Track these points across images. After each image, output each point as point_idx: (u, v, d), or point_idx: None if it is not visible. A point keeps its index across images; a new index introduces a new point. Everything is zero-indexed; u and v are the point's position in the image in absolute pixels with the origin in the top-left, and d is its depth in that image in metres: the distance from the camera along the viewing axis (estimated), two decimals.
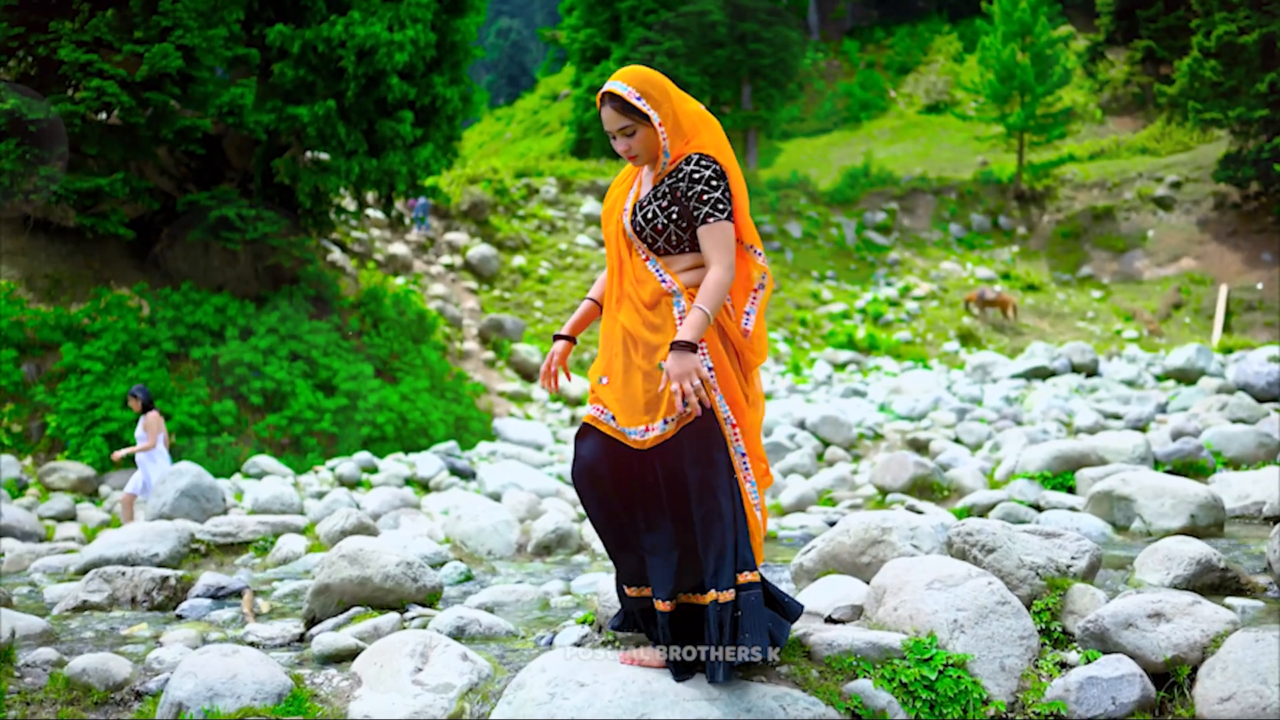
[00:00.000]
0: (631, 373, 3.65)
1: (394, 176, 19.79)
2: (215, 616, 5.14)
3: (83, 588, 5.38)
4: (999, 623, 3.72)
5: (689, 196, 3.66)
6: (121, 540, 6.66)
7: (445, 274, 27.91)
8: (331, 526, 6.87)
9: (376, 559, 4.84)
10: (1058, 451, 7.28)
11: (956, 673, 3.58)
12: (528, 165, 35.69)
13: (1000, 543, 4.17)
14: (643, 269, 3.75)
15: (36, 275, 18.36)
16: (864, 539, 4.62)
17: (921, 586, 3.83)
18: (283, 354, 18.46)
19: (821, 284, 34.39)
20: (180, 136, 17.48)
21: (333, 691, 3.72)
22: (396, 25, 18.78)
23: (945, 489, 7.81)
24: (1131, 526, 5.97)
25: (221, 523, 7.27)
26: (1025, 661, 3.71)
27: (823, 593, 4.29)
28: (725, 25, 40.43)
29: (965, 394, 16.96)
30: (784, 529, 7.07)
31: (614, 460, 3.64)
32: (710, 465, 3.58)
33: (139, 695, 3.80)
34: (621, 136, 3.75)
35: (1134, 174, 38.29)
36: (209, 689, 3.50)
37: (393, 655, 3.77)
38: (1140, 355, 24.62)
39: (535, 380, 24.55)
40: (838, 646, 3.64)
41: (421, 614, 4.73)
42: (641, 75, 3.74)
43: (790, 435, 11.45)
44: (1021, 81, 37.29)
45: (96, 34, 16.46)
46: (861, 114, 51.79)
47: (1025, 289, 34.44)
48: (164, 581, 5.42)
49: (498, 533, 6.89)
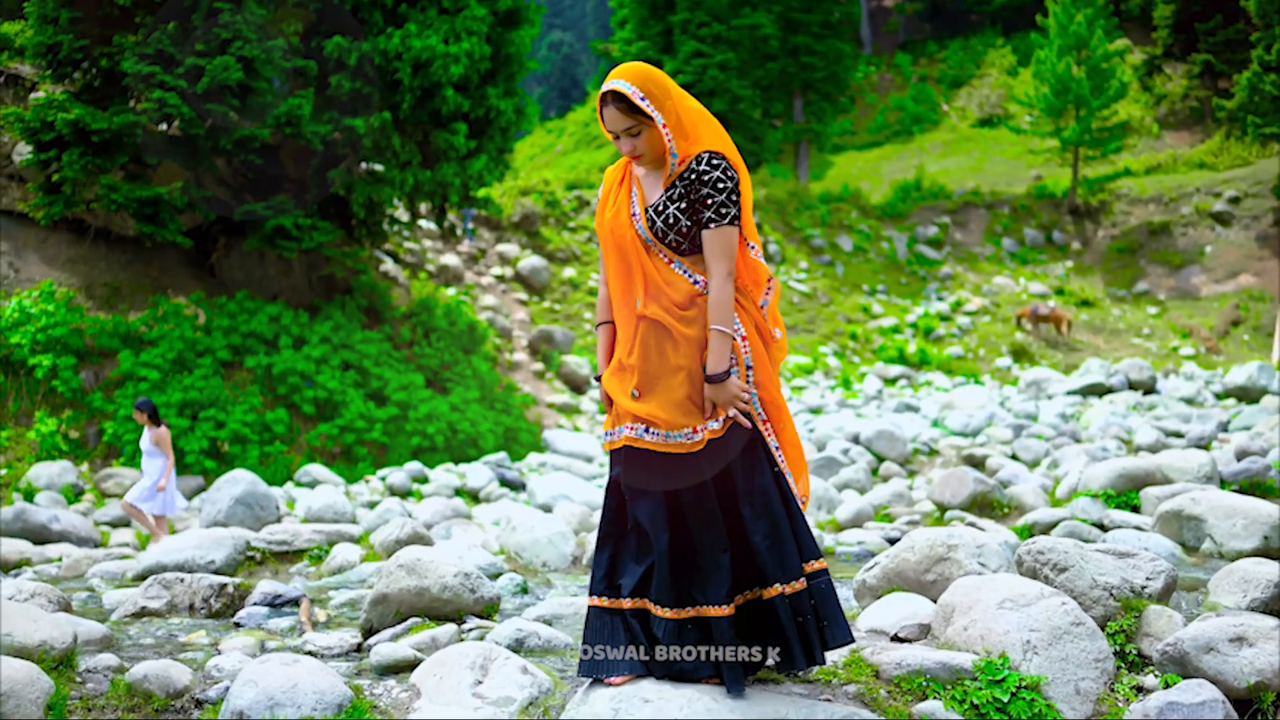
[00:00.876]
0: (671, 376, 3.62)
1: (447, 188, 19.89)
2: (273, 625, 5.15)
3: (142, 594, 5.41)
4: (1073, 644, 3.62)
5: (700, 195, 3.64)
6: (178, 547, 6.70)
7: (496, 285, 28.01)
8: (386, 536, 6.87)
9: (434, 569, 4.82)
10: (1121, 469, 7.13)
11: (1030, 695, 3.48)
12: (579, 177, 35.78)
13: (1073, 562, 4.08)
14: (669, 272, 3.71)
15: (96, 283, 18.62)
16: (929, 556, 4.54)
17: (993, 606, 3.75)
18: (335, 363, 18.59)
19: (872, 298, 34.17)
20: (239, 147, 17.67)
21: (392, 703, 3.69)
22: (452, 38, 18.89)
23: (1005, 506, 7.68)
24: (1202, 547, 5.81)
25: (277, 531, 7.29)
26: (1101, 685, 3.62)
27: (888, 610, 4.23)
28: (777, 39, 40.42)
29: (1020, 410, 16.74)
30: (841, 545, 6.98)
31: (658, 472, 3.60)
32: (757, 460, 3.60)
33: (199, 703, 3.79)
34: (626, 137, 3.71)
35: (1191, 189, 37.72)
36: (270, 698, 3.48)
37: (452, 667, 3.73)
38: (1198, 373, 24.22)
39: (584, 392, 24.56)
40: (907, 666, 3.57)
41: (479, 626, 4.70)
42: (643, 73, 3.69)
43: (844, 450, 11.34)
44: (1077, 95, 36.89)
45: (159, 46, 16.67)
46: (914, 127, 51.48)
47: (1079, 305, 34.03)
48: (221, 589, 5.44)
49: (553, 545, 6.86)
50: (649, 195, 3.78)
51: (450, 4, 19.50)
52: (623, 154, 3.76)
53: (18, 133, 17.24)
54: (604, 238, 3.86)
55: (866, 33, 58.82)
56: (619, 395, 3.71)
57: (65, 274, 18.47)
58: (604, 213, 3.88)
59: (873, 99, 54.98)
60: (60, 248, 18.82)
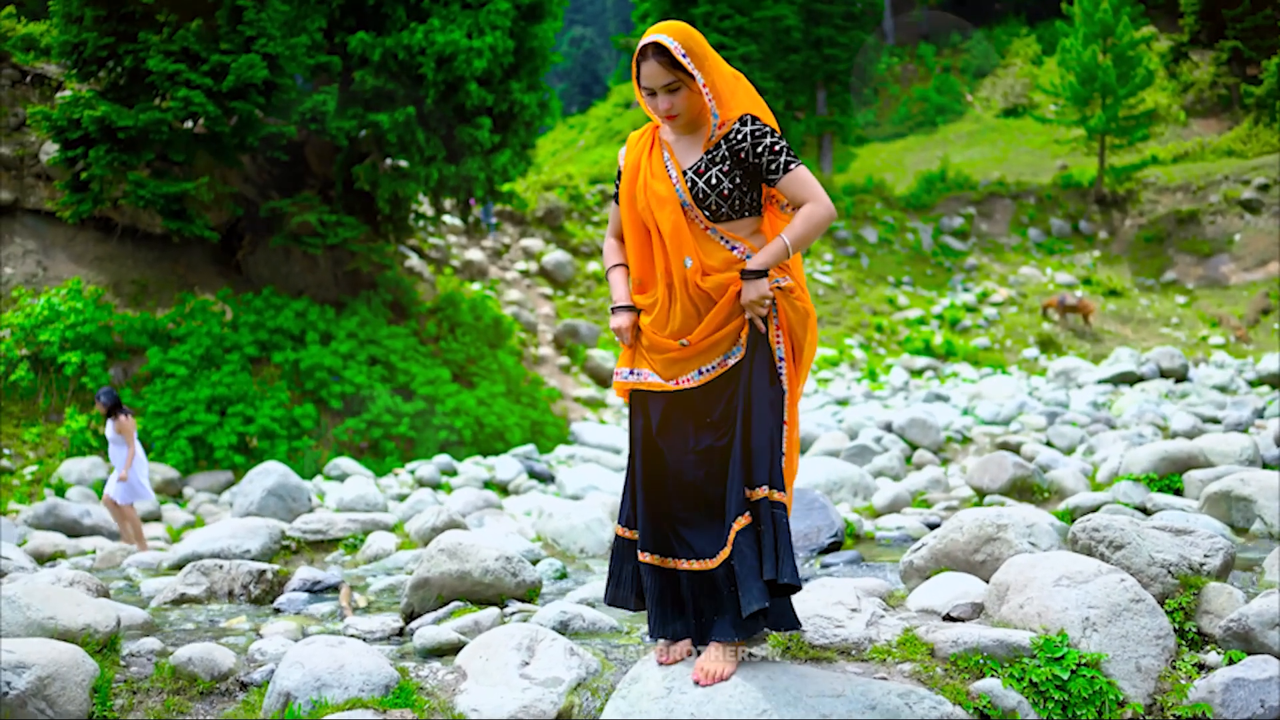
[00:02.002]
0: (713, 318, 3.61)
1: (472, 183, 19.88)
2: (313, 610, 5.13)
3: (180, 580, 5.39)
4: (1133, 621, 3.55)
5: (757, 154, 3.56)
6: (214, 536, 6.69)
7: (520, 280, 28.01)
8: (422, 524, 6.85)
9: (476, 553, 4.78)
10: (1164, 453, 7.03)
11: (1090, 673, 3.43)
12: (602, 171, 35.73)
13: (1129, 539, 4.00)
14: (706, 239, 3.63)
15: (124, 280, 18.71)
16: (978, 536, 4.47)
17: (1049, 583, 3.67)
18: (362, 358, 18.61)
19: (898, 289, 34.00)
20: (265, 143, 17.71)
21: (438, 685, 3.66)
22: (475, 32, 18.86)
23: (1045, 491, 7.60)
24: (1252, 528, 5.73)
25: (311, 520, 7.29)
26: (1162, 662, 3.55)
27: (938, 590, 4.16)
28: (800, 30, 40.31)
29: (1050, 399, 16.61)
30: (881, 530, 6.92)
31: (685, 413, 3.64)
32: (774, 387, 3.62)
33: (244, 686, 3.79)
34: (664, 94, 3.57)
35: (1219, 177, 37.35)
36: (317, 679, 3.46)
37: (499, 649, 3.69)
38: (1229, 361, 23.98)
39: (609, 385, 24.52)
40: (963, 644, 3.51)
41: (521, 609, 4.67)
42: (685, 31, 3.58)
43: (877, 438, 11.26)
44: (1103, 83, 36.56)
45: (184, 44, 16.71)
46: (938, 118, 51.21)
47: (1107, 294, 33.77)
48: (261, 575, 5.42)
49: (589, 531, 6.83)
50: (684, 159, 3.68)
51: None
52: (658, 112, 3.61)
53: (45, 131, 17.33)
54: (633, 206, 3.76)
55: (889, 24, 58.52)
56: (665, 338, 3.68)
57: (93, 272, 18.56)
58: (635, 180, 3.75)
59: (896, 90, 54.71)
60: (88, 246, 18.91)
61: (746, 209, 3.66)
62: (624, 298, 3.86)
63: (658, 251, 3.70)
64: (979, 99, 52.77)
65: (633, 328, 3.79)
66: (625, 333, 3.79)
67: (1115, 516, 4.18)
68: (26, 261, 18.33)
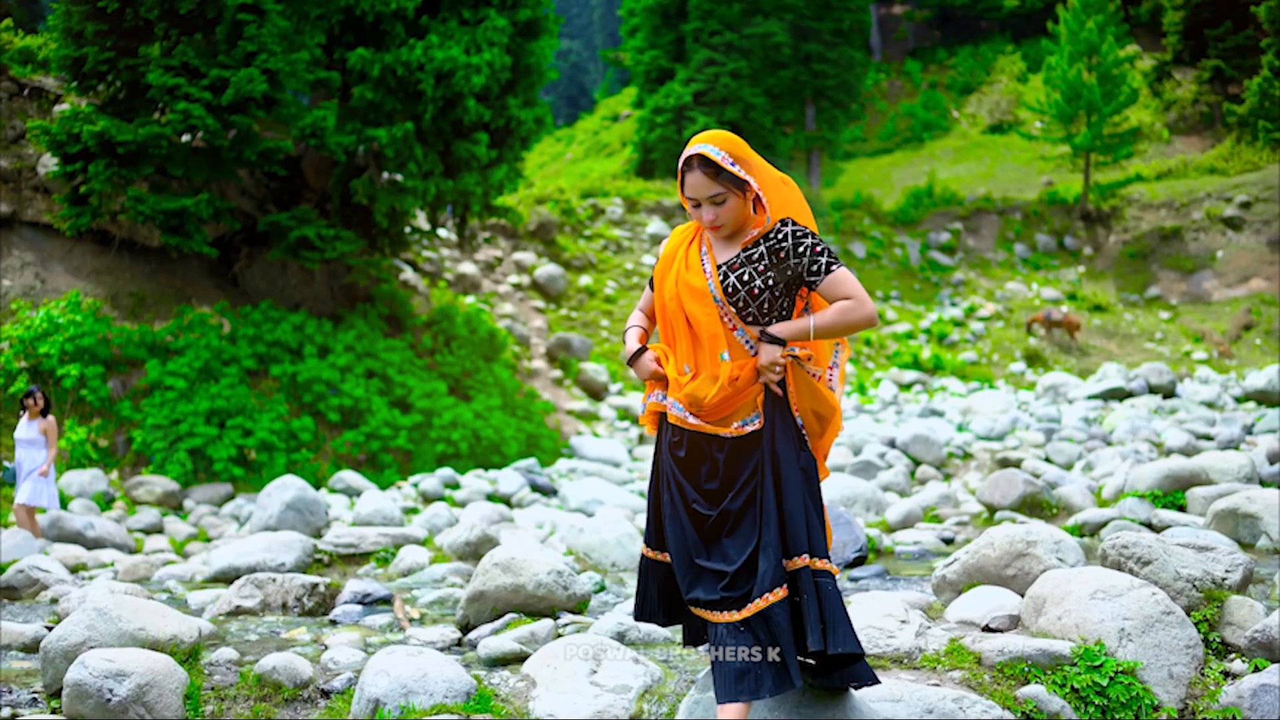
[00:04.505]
0: (736, 396, 3.62)
1: (469, 197, 20.06)
2: (369, 622, 5.29)
3: (235, 593, 5.54)
4: (1165, 632, 3.82)
5: (798, 254, 3.56)
6: (248, 550, 6.83)
7: (513, 293, 28.16)
8: (455, 538, 7.01)
9: (529, 568, 4.96)
10: (1167, 471, 7.27)
11: (1127, 679, 3.68)
12: (593, 186, 35.94)
13: (1156, 555, 4.25)
14: (732, 338, 3.63)
15: (121, 294, 18.78)
16: (1009, 551, 4.70)
17: (1085, 596, 3.93)
18: (359, 372, 18.72)
19: (886, 304, 34.28)
20: (264, 158, 17.82)
21: (511, 692, 3.85)
22: (473, 49, 19.05)
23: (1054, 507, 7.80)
24: (1258, 544, 5.98)
25: (343, 534, 7.44)
26: (1192, 670, 3.83)
27: (975, 603, 4.39)
28: (789, 47, 40.62)
29: (1042, 415, 16.85)
30: (899, 544, 7.12)
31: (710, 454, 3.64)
32: (804, 454, 3.65)
33: (325, 693, 3.96)
34: (709, 205, 3.57)
35: (1202, 194, 37.82)
36: (403, 686, 3.65)
37: (566, 658, 3.88)
38: (1213, 377, 24.29)
39: (603, 399, 24.68)
40: (1009, 653, 3.76)
41: (574, 620, 4.86)
42: (729, 139, 3.59)
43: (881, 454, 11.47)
44: (1088, 101, 37.02)
45: (184, 59, 16.83)
46: (924, 134, 51.63)
47: (1092, 310, 34.13)
48: (313, 588, 5.58)
49: (620, 545, 6.99)
50: (720, 255, 3.69)
51: (471, 15, 19.67)
52: (703, 223, 3.64)
53: (44, 145, 17.40)
54: (665, 293, 3.76)
55: (876, 40, 59.01)
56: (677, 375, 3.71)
57: (90, 284, 18.63)
58: (669, 268, 3.77)
59: (883, 106, 55.14)
60: (85, 258, 18.98)
61: (774, 314, 3.64)
62: (635, 342, 3.90)
63: (685, 336, 3.71)
64: (965, 115, 53.22)
65: (656, 361, 3.80)
66: (649, 365, 3.81)
67: (1144, 535, 4.40)
68: (25, 274, 18.40)
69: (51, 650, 4.18)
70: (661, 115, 41.03)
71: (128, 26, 17.13)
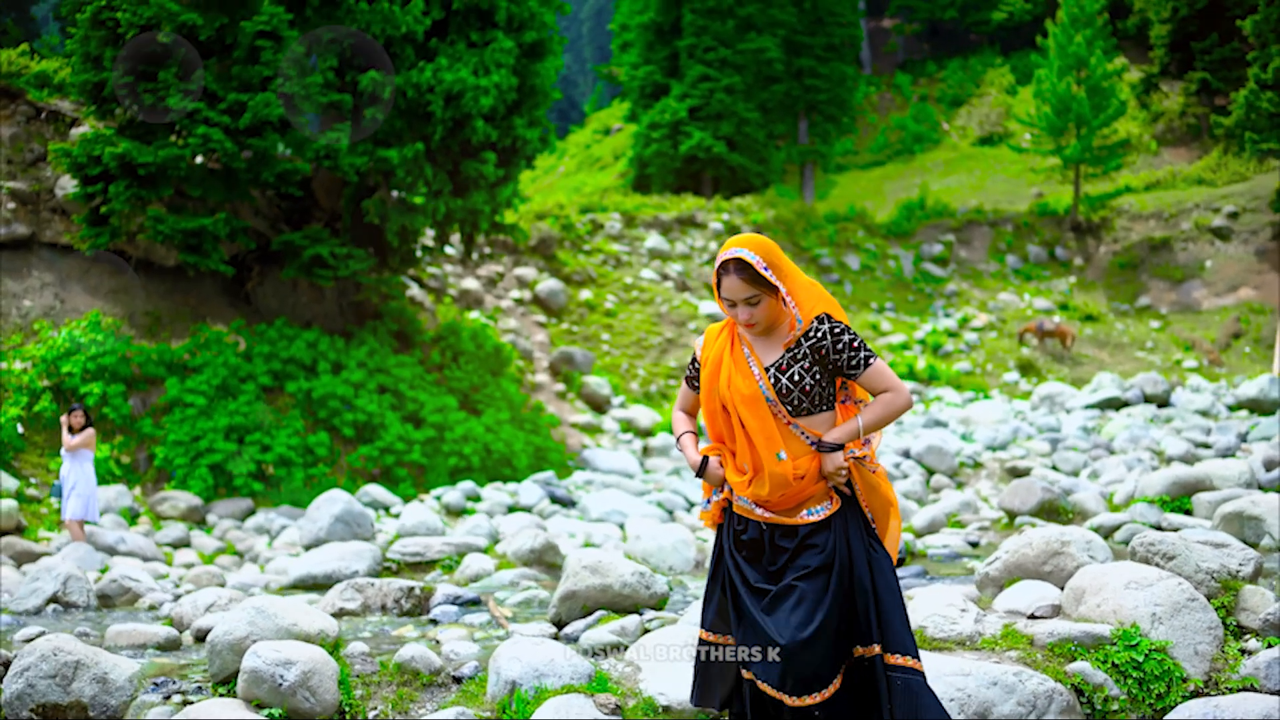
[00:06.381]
0: (801, 491, 3.87)
1: (477, 215, 20.52)
2: (469, 620, 5.76)
3: (337, 596, 6.02)
4: (1190, 616, 4.53)
5: (837, 351, 3.81)
6: (322, 560, 7.32)
7: (515, 308, 28.58)
8: (519, 546, 7.48)
9: (615, 570, 5.50)
10: (1174, 478, 7.82)
11: (1159, 656, 4.39)
12: (591, 201, 36.41)
13: (1179, 551, 4.87)
14: (789, 433, 3.85)
15: (138, 313, 19.17)
16: (1046, 550, 5.35)
17: (1120, 587, 4.60)
18: (372, 387, 19.13)
19: (880, 315, 34.77)
20: (281, 179, 18.27)
21: (621, 675, 4.39)
22: (481, 70, 19.53)
23: (1070, 512, 8.31)
24: (1262, 543, 6.51)
25: (410, 544, 7.91)
26: (1214, 648, 4.56)
27: (1019, 595, 5.03)
28: (782, 62, 41.23)
29: (1042, 424, 17.34)
30: (930, 548, 7.64)
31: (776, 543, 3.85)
32: (879, 551, 3.86)
33: (456, 679, 4.47)
34: (744, 305, 3.80)
35: (1190, 204, 38.43)
36: (535, 670, 4.21)
37: (667, 647, 4.43)
38: (1204, 385, 24.82)
39: (605, 411, 25.11)
40: (1058, 635, 4.46)
41: (656, 616, 5.36)
42: (763, 244, 3.82)
43: (896, 464, 11.95)
44: (1077, 114, 37.62)
45: (202, 83, 17.26)
46: (915, 147, 52.26)
47: (1083, 319, 34.65)
48: (410, 591, 6.06)
49: (677, 550, 7.49)
50: (765, 357, 3.91)
51: (479, 38, 20.15)
52: (739, 322, 3.86)
53: (64, 167, 17.82)
54: (717, 401, 3.95)
55: (866, 54, 59.66)
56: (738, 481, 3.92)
57: (108, 304, 19.01)
58: (717, 375, 3.95)
59: (873, 119, 55.77)
60: (102, 278, 19.37)
61: (823, 404, 3.89)
62: (695, 453, 4.07)
63: (741, 437, 3.91)
64: (955, 127, 53.87)
65: (720, 465, 4.00)
66: (719, 474, 4.01)
67: (1166, 534, 4.96)
68: (45, 294, 18.78)
69: (219, 643, 4.79)
70: (657, 130, 41.56)
71: (145, 52, 17.55)
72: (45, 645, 4.93)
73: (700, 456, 4.02)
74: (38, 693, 4.83)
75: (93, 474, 12.31)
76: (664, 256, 33.40)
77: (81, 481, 12.20)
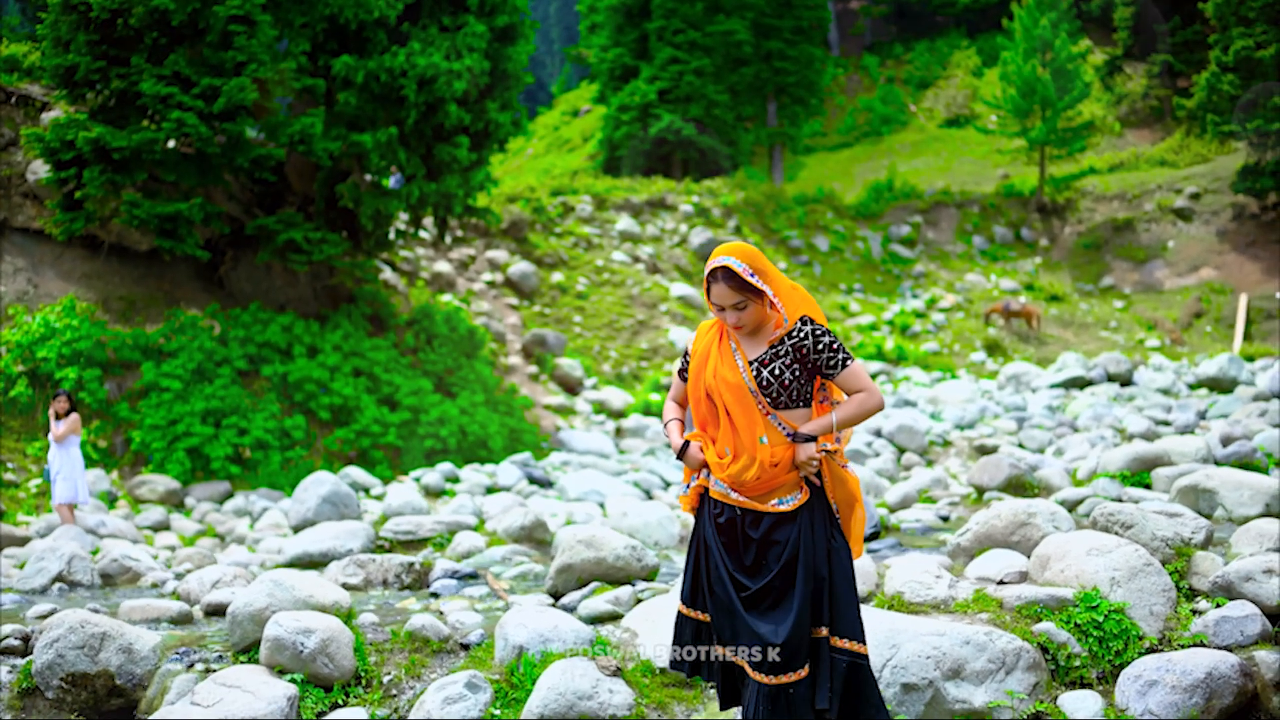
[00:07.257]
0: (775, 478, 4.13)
1: (451, 199, 20.64)
2: (469, 593, 6.02)
3: (340, 571, 6.28)
4: (1146, 579, 4.91)
5: (817, 351, 4.07)
6: (317, 539, 7.55)
7: (487, 291, 28.72)
8: (510, 524, 7.74)
9: (608, 543, 5.82)
10: (1134, 454, 8.18)
11: (1118, 617, 4.74)
12: (562, 184, 36.54)
13: (1136, 520, 5.21)
14: (767, 423, 4.10)
15: (112, 298, 19.21)
16: (1013, 521, 5.73)
17: (1082, 553, 4.95)
18: (347, 370, 19.27)
19: (849, 296, 35.13)
20: (256, 164, 18.32)
21: (619, 640, 4.70)
22: (454, 55, 19.63)
23: (1035, 487, 8.63)
24: (1214, 514, 6.85)
25: (402, 522, 8.14)
26: (1168, 608, 4.92)
27: (989, 563, 5.40)
28: (751, 44, 41.45)
29: (1008, 403, 17.70)
30: (904, 522, 7.96)
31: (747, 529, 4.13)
32: (839, 539, 4.16)
33: (464, 646, 4.77)
34: (732, 310, 4.07)
35: (1153, 186, 39.03)
36: (541, 636, 4.55)
37: (660, 613, 4.71)
38: (1166, 364, 25.31)
39: (578, 393, 25.33)
40: (1024, 598, 4.83)
41: (648, 587, 5.65)
42: (750, 252, 4.06)
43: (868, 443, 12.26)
44: (1043, 97, 38.08)
45: (175, 68, 17.29)
46: (882, 128, 52.64)
47: (1048, 300, 35.15)
48: (410, 566, 6.32)
49: (661, 526, 7.82)
50: (750, 351, 4.18)
51: (451, 22, 20.26)
52: (728, 324, 4.15)
53: (38, 152, 17.80)
54: (703, 388, 4.24)
55: (834, 36, 59.93)
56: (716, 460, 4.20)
57: (82, 289, 19.04)
58: (705, 365, 4.23)
59: (841, 101, 56.10)
60: (75, 263, 19.39)
61: (800, 400, 4.14)
62: (678, 435, 4.37)
63: (725, 422, 4.19)
64: (922, 109, 54.29)
65: (700, 449, 4.27)
66: (698, 456, 4.27)
67: (1127, 505, 5.30)
68: (18, 280, 18.79)
69: (240, 614, 5.10)
70: (627, 113, 41.71)
71: (119, 36, 17.55)
72: (73, 617, 5.28)
73: (682, 440, 4.31)
74: (67, 662, 5.16)
75: (79, 457, 12.44)
76: (635, 239, 33.58)
77: (67, 465, 12.33)
